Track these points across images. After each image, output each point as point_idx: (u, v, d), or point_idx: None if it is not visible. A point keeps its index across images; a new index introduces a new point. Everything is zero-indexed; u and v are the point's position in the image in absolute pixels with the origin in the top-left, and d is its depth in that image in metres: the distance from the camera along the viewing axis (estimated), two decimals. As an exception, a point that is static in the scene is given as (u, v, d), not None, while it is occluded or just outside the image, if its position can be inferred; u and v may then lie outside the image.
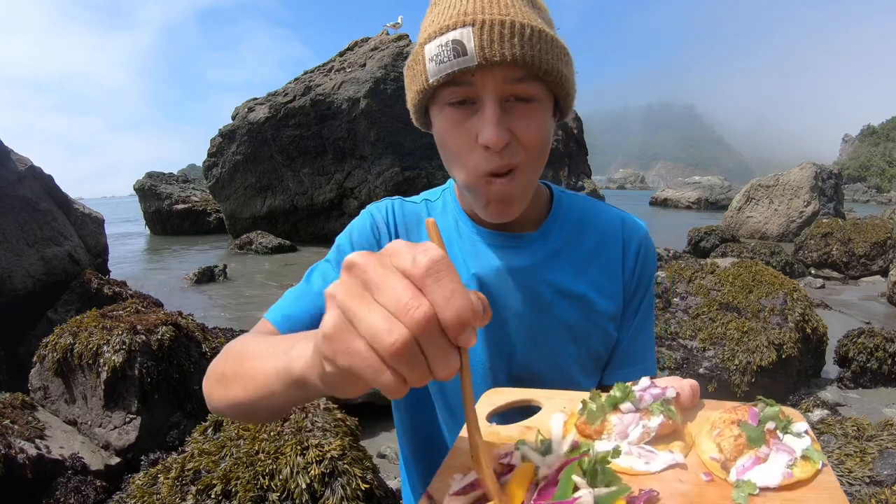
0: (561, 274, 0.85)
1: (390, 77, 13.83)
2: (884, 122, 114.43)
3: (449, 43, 0.68)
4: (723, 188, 30.08)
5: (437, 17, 0.72)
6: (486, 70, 0.68)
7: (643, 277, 0.90)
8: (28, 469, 2.42)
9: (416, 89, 0.77)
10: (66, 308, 4.69)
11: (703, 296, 4.32)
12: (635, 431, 0.53)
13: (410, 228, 0.89)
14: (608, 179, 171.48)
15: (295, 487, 1.83)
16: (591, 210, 0.92)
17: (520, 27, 0.68)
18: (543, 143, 0.75)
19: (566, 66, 0.74)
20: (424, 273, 0.36)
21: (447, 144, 0.76)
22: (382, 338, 0.34)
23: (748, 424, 0.50)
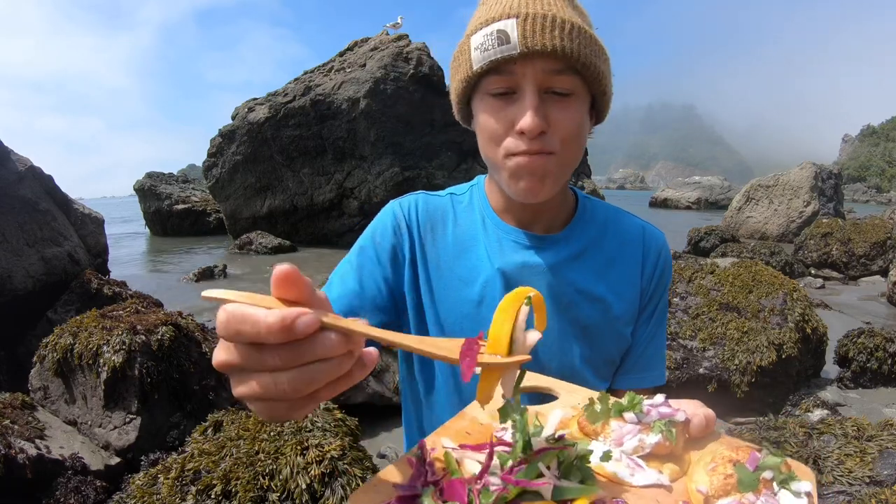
0: (582, 275, 0.87)
1: (390, 77, 13.82)
2: (884, 122, 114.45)
3: (493, 32, 0.71)
4: (723, 188, 30.08)
5: (484, 12, 0.76)
6: (527, 59, 0.71)
7: (660, 285, 0.93)
8: (28, 469, 2.42)
9: (459, 78, 0.79)
10: (66, 308, 4.69)
11: (703, 296, 4.32)
12: (630, 442, 0.53)
13: (436, 224, 0.90)
14: (608, 179, 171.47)
15: (295, 487, 1.83)
16: (614, 216, 0.95)
17: (561, 21, 0.71)
18: (578, 135, 0.77)
19: (604, 64, 0.76)
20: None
21: (485, 130, 0.78)
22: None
23: (744, 467, 0.48)
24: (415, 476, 0.48)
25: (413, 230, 0.89)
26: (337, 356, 0.37)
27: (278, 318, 0.35)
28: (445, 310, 0.87)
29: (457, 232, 0.90)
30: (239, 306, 0.36)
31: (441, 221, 0.90)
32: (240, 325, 0.35)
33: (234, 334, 0.36)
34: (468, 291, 0.87)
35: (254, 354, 0.37)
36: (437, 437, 0.57)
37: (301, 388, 0.37)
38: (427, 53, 14.63)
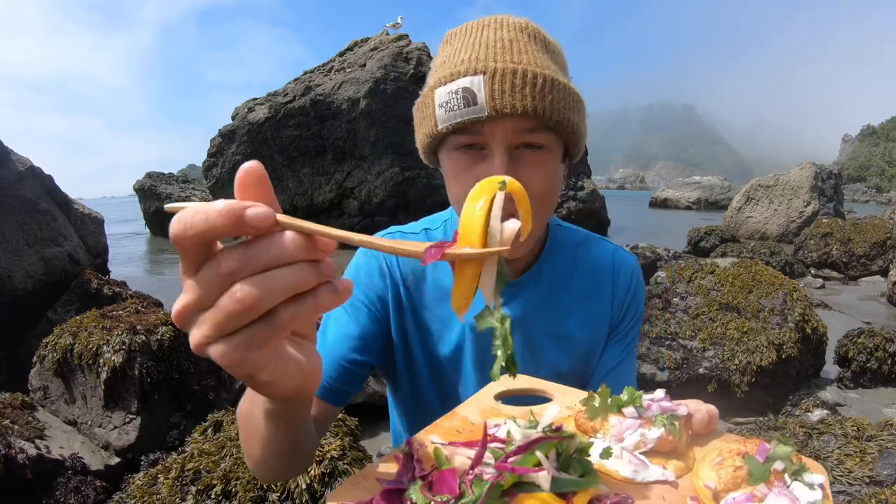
0: (550, 318, 0.87)
1: (390, 77, 13.83)
2: (884, 122, 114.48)
3: (459, 91, 0.67)
4: (723, 188, 30.08)
5: (449, 60, 0.71)
6: (495, 120, 0.67)
7: (630, 309, 0.92)
8: (28, 469, 2.42)
9: (424, 132, 0.76)
10: (65, 308, 4.68)
11: (703, 296, 4.32)
12: (632, 437, 0.51)
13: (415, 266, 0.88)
14: (608, 179, 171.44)
15: (295, 487, 1.83)
16: (584, 245, 0.93)
17: (532, 77, 0.66)
18: (551, 190, 0.75)
19: (577, 115, 0.73)
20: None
21: (454, 187, 0.75)
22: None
23: (754, 459, 0.46)
24: (401, 471, 0.46)
25: (396, 274, 0.87)
26: (296, 261, 0.34)
27: (227, 205, 0.32)
28: (432, 350, 0.88)
29: (435, 275, 0.88)
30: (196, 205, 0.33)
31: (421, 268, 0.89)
32: (192, 218, 0.32)
33: (187, 228, 0.32)
34: (449, 334, 0.87)
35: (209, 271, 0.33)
36: (426, 434, 0.56)
37: (258, 301, 0.33)
38: (427, 53, 14.63)
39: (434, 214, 0.96)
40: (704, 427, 0.57)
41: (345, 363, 0.80)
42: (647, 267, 7.45)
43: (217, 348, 0.35)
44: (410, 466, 0.46)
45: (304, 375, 0.41)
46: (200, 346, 0.35)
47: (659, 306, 4.33)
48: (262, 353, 0.36)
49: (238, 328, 0.34)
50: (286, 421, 0.52)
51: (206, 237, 0.33)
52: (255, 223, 0.33)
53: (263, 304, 0.33)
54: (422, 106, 0.76)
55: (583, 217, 16.08)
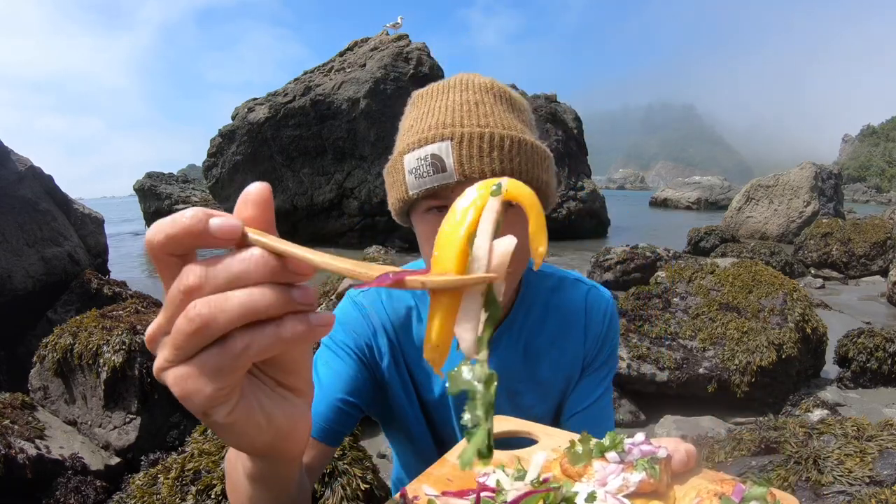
0: (526, 366, 0.89)
1: (390, 77, 13.83)
2: (884, 122, 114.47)
3: (428, 157, 0.68)
4: (723, 188, 30.08)
5: (416, 124, 0.72)
6: (465, 185, 0.66)
7: (605, 346, 0.94)
8: (28, 469, 2.42)
9: (396, 197, 0.76)
10: (66, 308, 4.69)
11: (703, 296, 4.32)
12: (615, 481, 0.53)
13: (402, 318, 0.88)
14: (608, 179, 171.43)
15: (295, 487, 1.83)
16: (558, 291, 0.93)
17: (499, 139, 0.67)
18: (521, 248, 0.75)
19: (546, 173, 0.74)
20: None
21: (426, 249, 0.76)
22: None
23: (729, 500, 0.48)
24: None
25: (380, 322, 0.88)
26: (259, 282, 0.30)
27: (192, 212, 0.30)
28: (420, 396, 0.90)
29: (420, 329, 0.89)
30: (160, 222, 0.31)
31: (406, 316, 0.89)
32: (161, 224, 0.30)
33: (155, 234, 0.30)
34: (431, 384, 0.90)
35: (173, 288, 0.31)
36: (418, 484, 0.56)
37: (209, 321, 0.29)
38: (427, 53, 14.63)
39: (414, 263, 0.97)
40: (684, 466, 0.58)
41: (340, 403, 0.80)
42: (647, 267, 7.46)
43: (170, 374, 0.31)
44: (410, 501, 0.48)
45: (277, 432, 0.36)
46: (158, 371, 0.32)
47: (659, 306, 4.33)
48: (215, 387, 0.31)
49: (191, 354, 0.31)
50: (268, 484, 0.46)
51: (171, 246, 0.30)
52: (219, 234, 0.30)
53: (214, 326, 0.29)
54: (392, 171, 0.77)
55: (583, 217, 16.07)
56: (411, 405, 0.91)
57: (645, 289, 4.55)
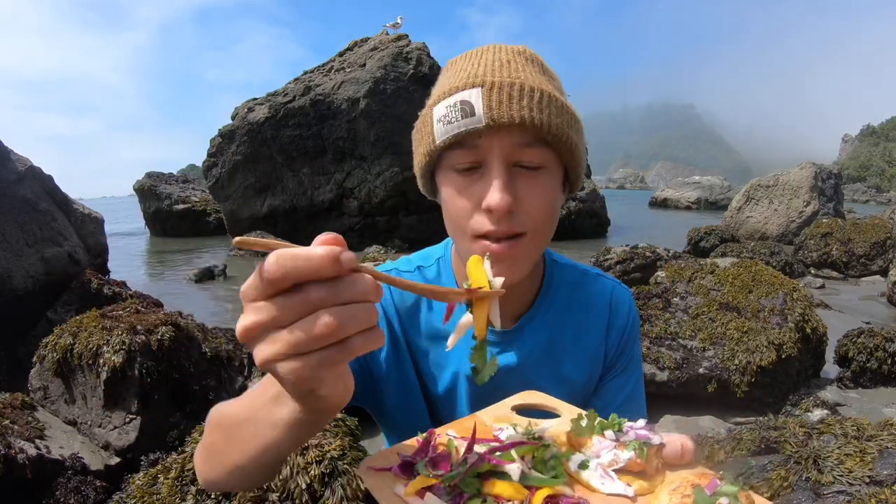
0: (549, 363, 0.87)
1: (390, 77, 13.82)
2: (884, 122, 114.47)
3: (457, 103, 0.67)
4: (722, 188, 30.08)
5: (448, 80, 0.71)
6: (493, 132, 0.67)
7: (627, 345, 0.93)
8: (28, 469, 2.42)
9: (422, 151, 0.75)
10: (65, 308, 4.69)
11: (703, 296, 4.32)
12: (606, 455, 0.58)
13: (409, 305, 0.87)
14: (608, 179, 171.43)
15: (295, 487, 1.83)
16: (581, 285, 0.92)
17: (529, 90, 0.67)
18: (550, 212, 0.73)
19: (576, 134, 0.72)
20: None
21: (451, 209, 0.74)
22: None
23: (702, 490, 0.51)
24: (418, 451, 0.56)
25: (390, 312, 0.87)
26: (369, 298, 0.39)
27: (328, 251, 0.37)
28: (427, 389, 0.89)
29: (429, 320, 0.87)
30: (287, 249, 0.38)
31: (415, 304, 0.88)
32: (294, 261, 0.37)
33: (289, 270, 0.37)
34: (441, 376, 0.87)
35: (293, 299, 0.38)
36: (445, 428, 0.64)
37: (338, 329, 0.38)
38: (427, 53, 14.62)
39: (425, 250, 0.95)
40: (677, 459, 0.60)
41: None
42: (647, 267, 7.45)
43: (288, 365, 0.38)
44: (425, 448, 0.56)
45: (349, 391, 0.45)
46: (269, 362, 0.39)
47: (659, 306, 4.33)
48: (328, 373, 0.40)
49: (312, 350, 0.38)
50: (307, 429, 0.51)
51: (306, 278, 0.37)
52: (348, 265, 0.38)
53: (342, 333, 0.38)
54: (420, 126, 0.75)
55: (583, 217, 16.07)
56: (412, 398, 0.89)
57: (645, 288, 4.55)
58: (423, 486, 0.50)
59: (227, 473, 0.60)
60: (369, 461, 0.56)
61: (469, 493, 0.49)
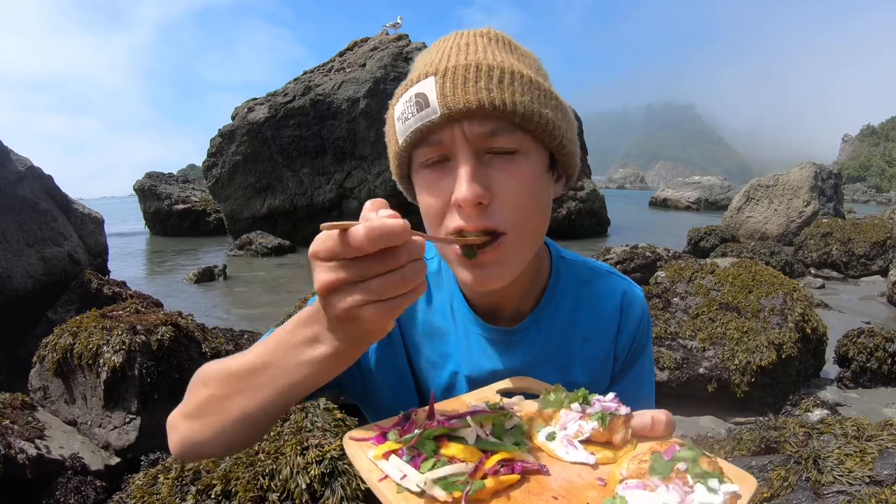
0: (553, 367, 0.82)
1: (390, 77, 13.83)
2: (883, 121, 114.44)
3: (412, 98, 0.62)
4: (722, 188, 30.08)
5: (409, 76, 0.66)
6: (451, 121, 0.61)
7: (637, 346, 0.87)
8: (28, 469, 2.42)
9: (391, 156, 0.70)
10: (65, 308, 4.69)
11: (703, 296, 4.32)
12: (572, 426, 0.60)
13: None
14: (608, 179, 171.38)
15: (295, 487, 1.83)
16: (590, 283, 0.86)
17: (487, 69, 0.60)
18: (531, 202, 0.65)
19: (553, 111, 0.65)
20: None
21: (423, 209, 0.68)
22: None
23: (660, 456, 0.51)
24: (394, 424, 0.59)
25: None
26: (421, 257, 0.48)
27: (404, 225, 0.46)
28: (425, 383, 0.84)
29: (428, 314, 0.82)
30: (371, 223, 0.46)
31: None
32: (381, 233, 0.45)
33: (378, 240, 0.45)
34: (437, 376, 0.82)
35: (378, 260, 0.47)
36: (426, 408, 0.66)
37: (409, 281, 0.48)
38: (427, 53, 14.62)
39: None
40: (647, 431, 0.59)
41: None
42: (647, 267, 7.46)
43: (370, 310, 0.47)
44: (402, 421, 0.59)
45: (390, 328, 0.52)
46: (353, 308, 0.47)
47: (659, 306, 4.33)
48: (397, 314, 0.49)
49: (389, 297, 0.47)
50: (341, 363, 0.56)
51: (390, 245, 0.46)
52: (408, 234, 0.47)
53: (411, 284, 0.48)
54: (387, 128, 0.71)
55: (583, 217, 16.08)
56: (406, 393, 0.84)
57: (645, 288, 4.55)
58: (389, 450, 0.54)
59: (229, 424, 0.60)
60: (352, 433, 0.59)
61: (426, 453, 0.52)
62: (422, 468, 0.51)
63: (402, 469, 0.51)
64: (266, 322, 6.40)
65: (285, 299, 8.01)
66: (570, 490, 0.52)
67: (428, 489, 0.49)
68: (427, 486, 0.49)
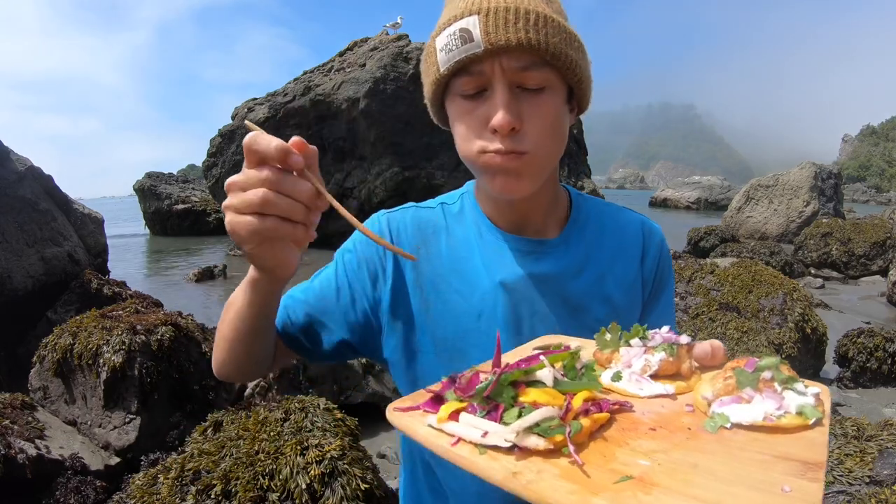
0: (587, 279, 0.86)
1: (390, 77, 13.82)
2: (883, 121, 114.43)
3: (456, 32, 0.70)
4: (722, 188, 30.09)
5: (449, 10, 0.74)
6: (493, 55, 0.69)
7: (663, 274, 0.92)
8: (28, 469, 2.42)
9: (429, 81, 0.78)
10: (65, 308, 4.69)
11: (703, 296, 4.32)
12: (638, 362, 0.58)
13: (428, 238, 0.87)
14: (608, 179, 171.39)
15: (295, 487, 1.83)
16: (611, 213, 0.93)
17: (524, 12, 0.69)
18: (554, 130, 0.75)
19: (576, 52, 0.74)
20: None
21: (459, 131, 0.77)
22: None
23: (742, 370, 0.51)
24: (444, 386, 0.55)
25: (403, 247, 0.86)
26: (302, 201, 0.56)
27: (281, 145, 0.55)
28: (444, 327, 0.83)
29: (451, 243, 0.86)
30: (261, 134, 0.55)
31: (433, 235, 0.87)
32: (258, 138, 0.55)
33: (251, 146, 0.55)
34: (466, 305, 0.83)
35: (254, 172, 0.55)
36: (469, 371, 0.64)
37: (265, 204, 0.54)
38: (427, 53, 14.61)
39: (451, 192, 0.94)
40: (708, 359, 0.61)
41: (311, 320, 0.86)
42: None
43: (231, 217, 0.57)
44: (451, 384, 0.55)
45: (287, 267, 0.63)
46: (224, 209, 0.57)
47: (659, 306, 4.33)
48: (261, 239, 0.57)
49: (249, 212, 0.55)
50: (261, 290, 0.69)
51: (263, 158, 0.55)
52: (292, 164, 0.55)
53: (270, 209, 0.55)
54: (426, 57, 0.79)
55: (583, 217, 16.03)
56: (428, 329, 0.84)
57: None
58: (455, 410, 0.48)
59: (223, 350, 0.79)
60: (395, 404, 0.55)
61: (504, 403, 0.47)
62: (505, 418, 0.46)
63: (479, 426, 0.46)
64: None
65: (285, 299, 8.00)
66: (662, 421, 0.50)
67: (520, 440, 0.44)
68: (519, 436, 0.44)
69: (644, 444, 0.46)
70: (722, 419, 0.48)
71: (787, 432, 0.47)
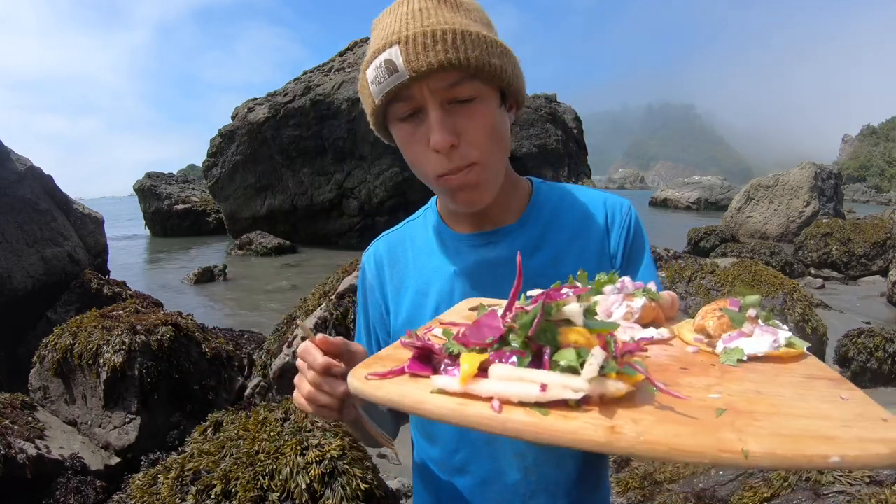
0: (542, 259, 0.87)
1: (390, 77, 13.81)
2: (883, 121, 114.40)
3: (382, 63, 0.74)
4: (723, 188, 30.08)
5: (374, 41, 0.79)
6: (418, 80, 0.72)
7: (634, 247, 0.90)
8: (28, 469, 2.42)
9: (369, 112, 0.83)
10: (65, 308, 4.69)
11: (703, 296, 4.32)
12: (619, 310, 0.57)
13: (396, 254, 0.96)
14: (608, 179, 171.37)
15: (295, 487, 1.83)
16: (572, 193, 0.94)
17: (441, 34, 0.72)
18: (495, 134, 0.78)
19: (500, 58, 0.76)
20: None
21: (407, 156, 0.81)
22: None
23: (730, 309, 0.53)
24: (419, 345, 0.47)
25: (383, 270, 0.96)
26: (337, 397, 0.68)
27: (325, 362, 0.67)
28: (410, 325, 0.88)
29: (414, 250, 0.94)
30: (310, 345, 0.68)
31: (401, 249, 0.96)
32: (308, 354, 0.68)
33: (305, 355, 0.68)
34: (426, 301, 0.90)
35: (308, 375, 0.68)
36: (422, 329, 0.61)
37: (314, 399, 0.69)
38: (427, 53, 14.60)
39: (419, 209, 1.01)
40: (670, 308, 0.63)
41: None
42: (647, 267, 7.44)
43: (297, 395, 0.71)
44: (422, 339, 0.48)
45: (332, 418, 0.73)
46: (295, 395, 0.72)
47: (659, 306, 4.33)
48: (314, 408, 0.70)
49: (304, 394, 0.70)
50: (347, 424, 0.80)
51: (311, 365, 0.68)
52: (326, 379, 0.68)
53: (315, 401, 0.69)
54: (361, 89, 0.83)
55: (583, 217, 16.02)
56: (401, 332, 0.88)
57: (645, 289, 4.55)
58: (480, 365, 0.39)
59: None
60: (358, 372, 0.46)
61: (549, 345, 0.39)
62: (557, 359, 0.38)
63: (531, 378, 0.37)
64: (266, 322, 6.40)
65: (285, 299, 8.02)
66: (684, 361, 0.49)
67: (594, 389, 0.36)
68: (593, 385, 0.36)
69: (693, 381, 0.44)
70: (738, 353, 0.49)
71: (792, 360, 0.50)
